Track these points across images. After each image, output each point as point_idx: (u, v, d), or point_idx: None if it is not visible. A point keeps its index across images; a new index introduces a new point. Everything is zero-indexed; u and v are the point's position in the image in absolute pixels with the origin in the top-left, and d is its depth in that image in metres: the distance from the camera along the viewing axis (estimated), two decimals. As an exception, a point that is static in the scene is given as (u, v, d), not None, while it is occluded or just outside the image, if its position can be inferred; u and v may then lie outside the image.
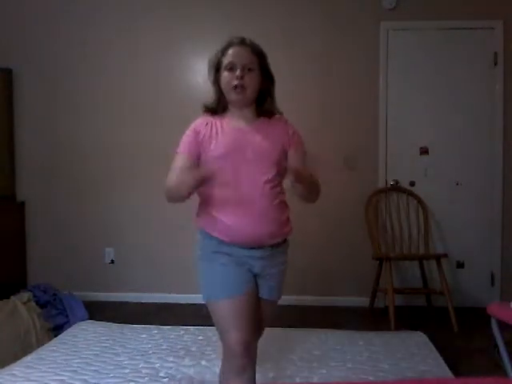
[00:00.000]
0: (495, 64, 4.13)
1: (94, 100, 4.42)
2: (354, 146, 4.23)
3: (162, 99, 4.34)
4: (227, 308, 1.73)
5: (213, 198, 1.76)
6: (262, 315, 1.87)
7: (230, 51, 1.81)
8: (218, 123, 1.82)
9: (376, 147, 4.23)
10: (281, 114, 1.90)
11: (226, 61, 1.80)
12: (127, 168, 4.39)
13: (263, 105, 1.86)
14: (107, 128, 4.42)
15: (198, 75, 4.26)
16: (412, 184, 4.23)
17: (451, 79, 4.18)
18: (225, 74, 1.80)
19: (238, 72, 1.76)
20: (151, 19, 4.35)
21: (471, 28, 4.15)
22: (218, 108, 1.86)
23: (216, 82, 1.85)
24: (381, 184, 4.23)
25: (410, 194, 4.18)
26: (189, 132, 1.82)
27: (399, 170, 4.24)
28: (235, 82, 1.76)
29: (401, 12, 4.17)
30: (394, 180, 4.23)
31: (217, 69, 1.84)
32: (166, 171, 1.77)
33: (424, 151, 4.22)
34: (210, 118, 1.84)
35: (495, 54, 4.12)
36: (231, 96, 1.80)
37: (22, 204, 4.46)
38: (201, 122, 1.83)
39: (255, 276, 1.81)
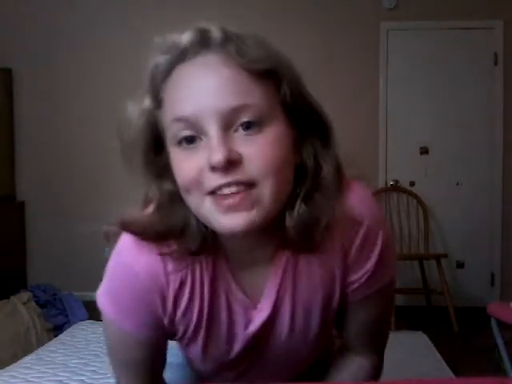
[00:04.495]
0: (495, 64, 4.13)
1: (94, 100, 4.41)
2: (353, 145, 4.21)
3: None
4: None
5: None
6: None
7: (181, 80, 0.74)
8: (200, 280, 0.82)
9: (376, 147, 4.23)
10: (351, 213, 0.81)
11: (169, 115, 0.73)
12: (127, 168, 4.38)
13: (299, 209, 0.77)
14: (107, 128, 4.39)
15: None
16: (412, 184, 4.23)
17: (451, 79, 4.17)
18: (178, 159, 0.73)
19: (214, 141, 0.68)
20: (152, 19, 4.34)
21: (471, 28, 4.14)
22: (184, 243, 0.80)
23: (155, 165, 0.82)
24: (381, 184, 4.23)
25: (410, 194, 4.18)
26: (131, 288, 0.83)
27: (399, 170, 4.23)
28: (218, 182, 0.69)
29: (401, 12, 4.17)
30: (393, 180, 4.23)
31: (152, 131, 0.78)
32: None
33: (424, 151, 4.22)
34: (182, 260, 0.81)
35: (495, 54, 4.12)
36: (212, 221, 0.73)
37: (22, 204, 4.45)
38: (161, 272, 0.82)
39: None
